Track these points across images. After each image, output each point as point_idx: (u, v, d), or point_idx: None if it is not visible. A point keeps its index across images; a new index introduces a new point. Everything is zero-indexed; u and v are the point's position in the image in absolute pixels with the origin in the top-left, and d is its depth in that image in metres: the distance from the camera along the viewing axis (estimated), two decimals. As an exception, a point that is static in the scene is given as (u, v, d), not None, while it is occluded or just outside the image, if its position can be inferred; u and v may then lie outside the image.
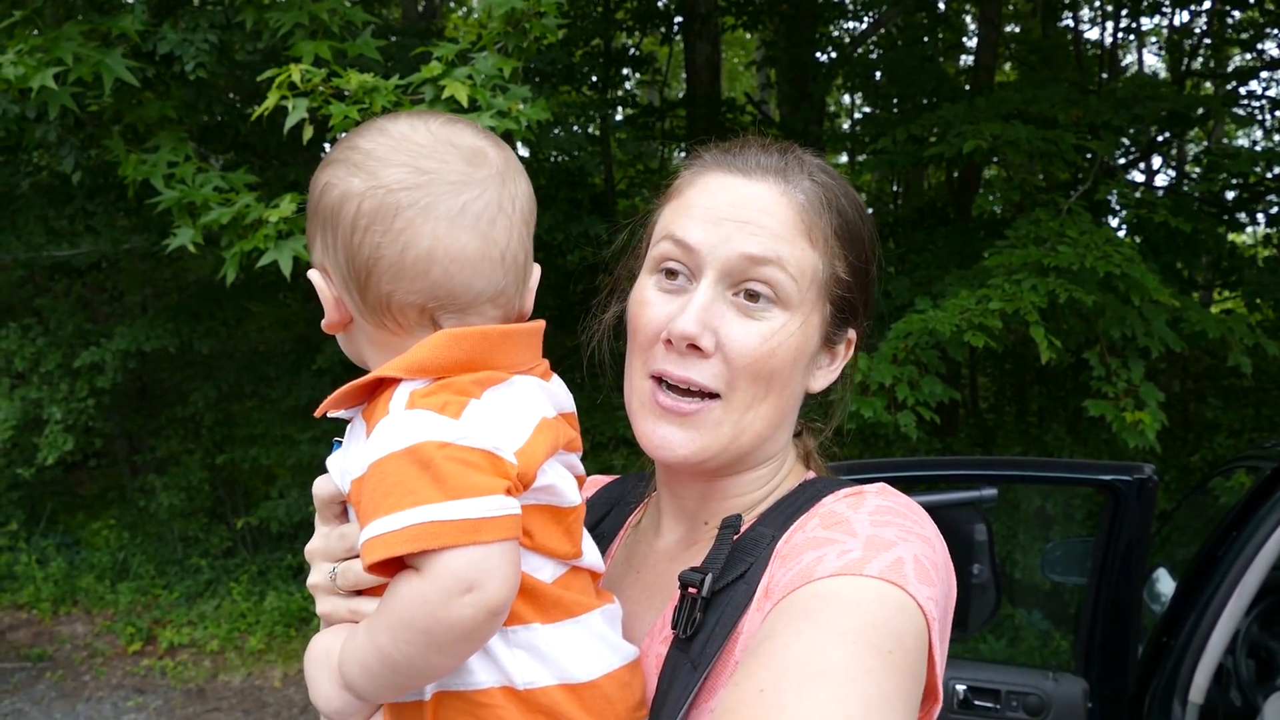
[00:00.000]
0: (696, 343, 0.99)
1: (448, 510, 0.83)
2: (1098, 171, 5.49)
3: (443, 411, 0.87)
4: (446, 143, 0.96)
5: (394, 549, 0.83)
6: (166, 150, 4.63)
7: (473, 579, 0.83)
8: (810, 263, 1.02)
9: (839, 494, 1.04)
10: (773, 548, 0.99)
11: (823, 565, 0.89)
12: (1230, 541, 2.65)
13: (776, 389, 1.02)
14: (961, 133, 4.92)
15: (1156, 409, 4.44)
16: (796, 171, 1.04)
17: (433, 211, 0.93)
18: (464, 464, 0.85)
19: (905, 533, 0.94)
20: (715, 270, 1.00)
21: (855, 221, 1.07)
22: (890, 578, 0.87)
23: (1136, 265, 4.32)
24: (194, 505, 8.52)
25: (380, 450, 0.86)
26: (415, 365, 0.91)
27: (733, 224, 1.00)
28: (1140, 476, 2.51)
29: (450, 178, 0.95)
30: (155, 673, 6.87)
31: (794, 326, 1.01)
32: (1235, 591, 2.55)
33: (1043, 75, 7.78)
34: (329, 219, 0.95)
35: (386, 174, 0.94)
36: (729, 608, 0.96)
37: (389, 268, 0.93)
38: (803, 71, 8.37)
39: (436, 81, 3.96)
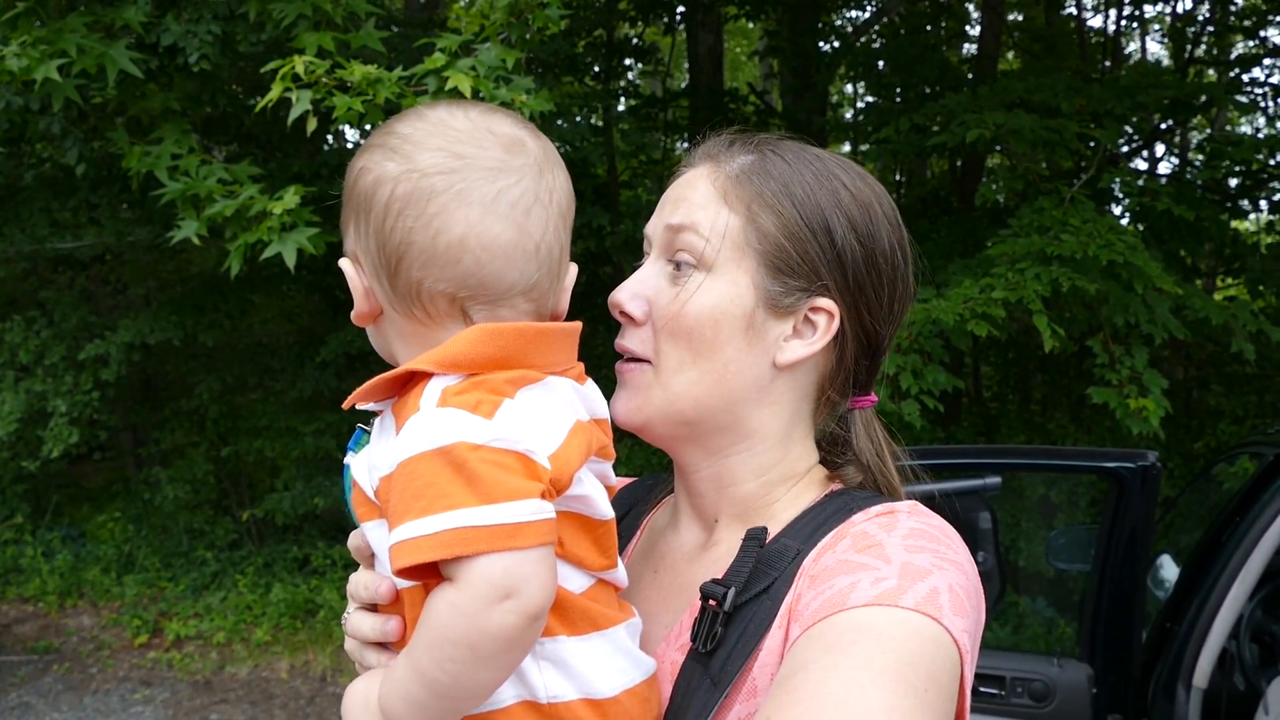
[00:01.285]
0: (624, 309, 1.04)
1: (483, 515, 0.80)
2: (1101, 160, 5.49)
3: (476, 411, 0.84)
4: (485, 129, 0.94)
5: (425, 554, 0.80)
6: (170, 142, 4.64)
7: (510, 585, 0.81)
8: (723, 221, 1.02)
9: (870, 512, 1.00)
10: (798, 564, 0.97)
11: (856, 593, 0.86)
12: (1233, 527, 2.66)
13: (703, 351, 1.01)
14: (964, 122, 4.92)
15: (1160, 396, 4.45)
16: (739, 151, 1.07)
17: (467, 197, 0.91)
18: (498, 466, 0.82)
19: (940, 560, 0.91)
20: (655, 246, 1.07)
21: (808, 193, 1.03)
22: (926, 610, 0.84)
23: (1139, 253, 4.32)
24: (199, 498, 8.54)
25: (410, 449, 0.83)
26: (448, 360, 0.88)
27: (668, 204, 1.07)
28: (1144, 464, 2.52)
29: (486, 164, 0.92)
30: (162, 665, 6.90)
31: (716, 287, 1.01)
32: (1239, 577, 2.56)
33: (1046, 64, 7.75)
34: (362, 204, 0.94)
35: (422, 158, 0.92)
36: (751, 624, 0.94)
37: (420, 254, 0.91)
38: (805, 61, 8.35)
39: (440, 73, 3.96)
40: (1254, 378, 8.18)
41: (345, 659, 6.69)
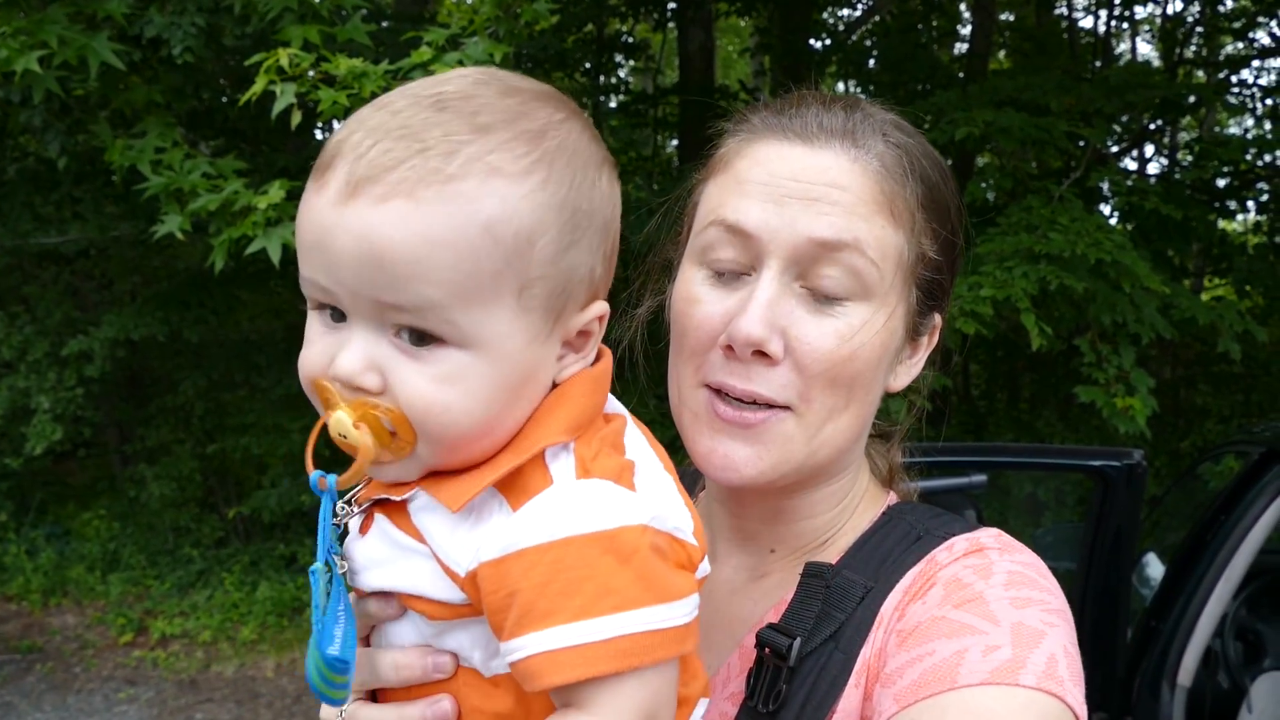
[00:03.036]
0: (764, 348, 0.83)
1: (660, 617, 0.67)
2: (1090, 159, 5.50)
3: (621, 481, 0.70)
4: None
5: (600, 666, 0.65)
6: (154, 136, 4.60)
7: (655, 709, 0.68)
8: (894, 244, 0.85)
9: (954, 548, 0.87)
10: (874, 608, 0.85)
11: (967, 666, 0.73)
12: (1218, 526, 2.66)
13: (859, 396, 0.87)
14: (954, 120, 4.92)
15: (1147, 395, 4.46)
16: (867, 132, 0.87)
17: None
18: (661, 555, 0.69)
19: (1049, 613, 0.79)
20: (780, 259, 0.84)
21: (939, 186, 0.90)
22: (1048, 687, 0.72)
23: (1127, 252, 4.33)
24: (185, 495, 8.49)
25: (552, 531, 0.67)
26: (573, 423, 0.72)
27: (798, 202, 0.83)
28: (1129, 462, 2.52)
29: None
30: (147, 664, 6.85)
31: (879, 322, 0.85)
32: (1223, 575, 2.57)
33: (1037, 63, 7.77)
34: (615, 230, 0.75)
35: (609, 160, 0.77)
36: (820, 679, 0.82)
37: (610, 263, 0.78)
38: (797, 59, 8.35)
39: (427, 66, 3.93)
40: (1240, 377, 8.23)
41: (331, 657, 6.65)
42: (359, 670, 0.78)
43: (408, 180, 0.66)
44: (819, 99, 0.91)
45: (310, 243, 0.70)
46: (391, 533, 0.76)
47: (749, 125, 0.91)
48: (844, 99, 0.92)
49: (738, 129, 0.92)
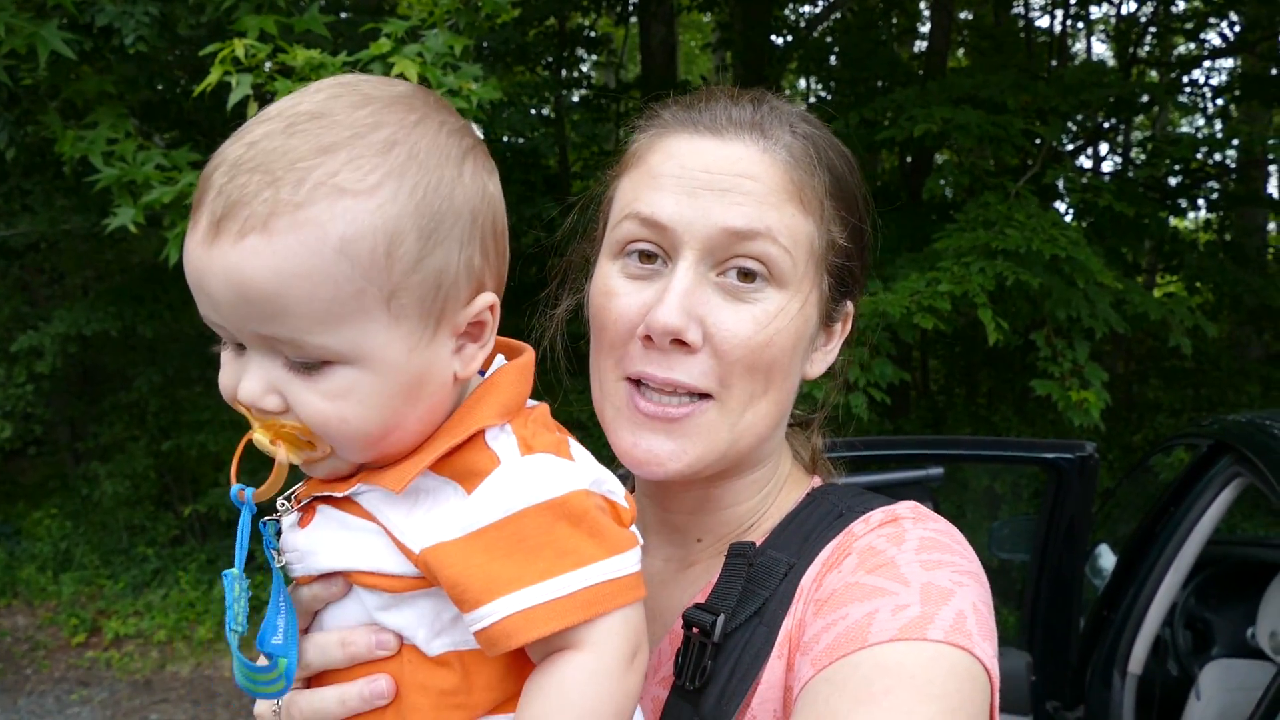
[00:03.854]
0: (681, 336, 0.84)
1: (614, 567, 0.72)
2: (1045, 156, 5.58)
3: (559, 453, 0.75)
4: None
5: (566, 618, 0.70)
6: (105, 127, 4.50)
7: (638, 641, 0.74)
8: (804, 231, 0.87)
9: (871, 521, 0.89)
10: (795, 581, 0.86)
11: (877, 625, 0.76)
12: (1168, 517, 2.72)
13: (777, 382, 0.88)
14: (913, 116, 4.97)
15: (1100, 389, 4.55)
16: (775, 124, 0.89)
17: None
18: (607, 513, 0.75)
19: (959, 573, 0.81)
20: (694, 249, 0.85)
21: (846, 176, 0.92)
22: (957, 640, 0.74)
23: (1082, 249, 4.40)
24: (139, 493, 8.35)
25: (508, 506, 0.71)
26: (504, 408, 0.77)
27: (710, 193, 0.85)
28: (1082, 454, 2.57)
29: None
30: (100, 664, 6.73)
31: (793, 309, 0.87)
32: (1173, 565, 2.62)
33: (995, 61, 7.88)
34: (499, 225, 0.77)
35: (477, 149, 0.78)
36: (745, 654, 0.84)
37: (501, 250, 0.80)
38: (758, 54, 8.38)
39: (385, 59, 3.89)
40: (1190, 372, 8.41)
41: (291, 656, 6.58)
42: (307, 655, 0.79)
43: (259, 214, 0.67)
44: (728, 94, 0.92)
45: (193, 284, 0.72)
46: (340, 518, 0.78)
47: (660, 120, 0.92)
48: (752, 93, 0.93)
49: (649, 124, 0.94)
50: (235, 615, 0.78)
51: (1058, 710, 2.78)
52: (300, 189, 0.68)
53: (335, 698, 0.78)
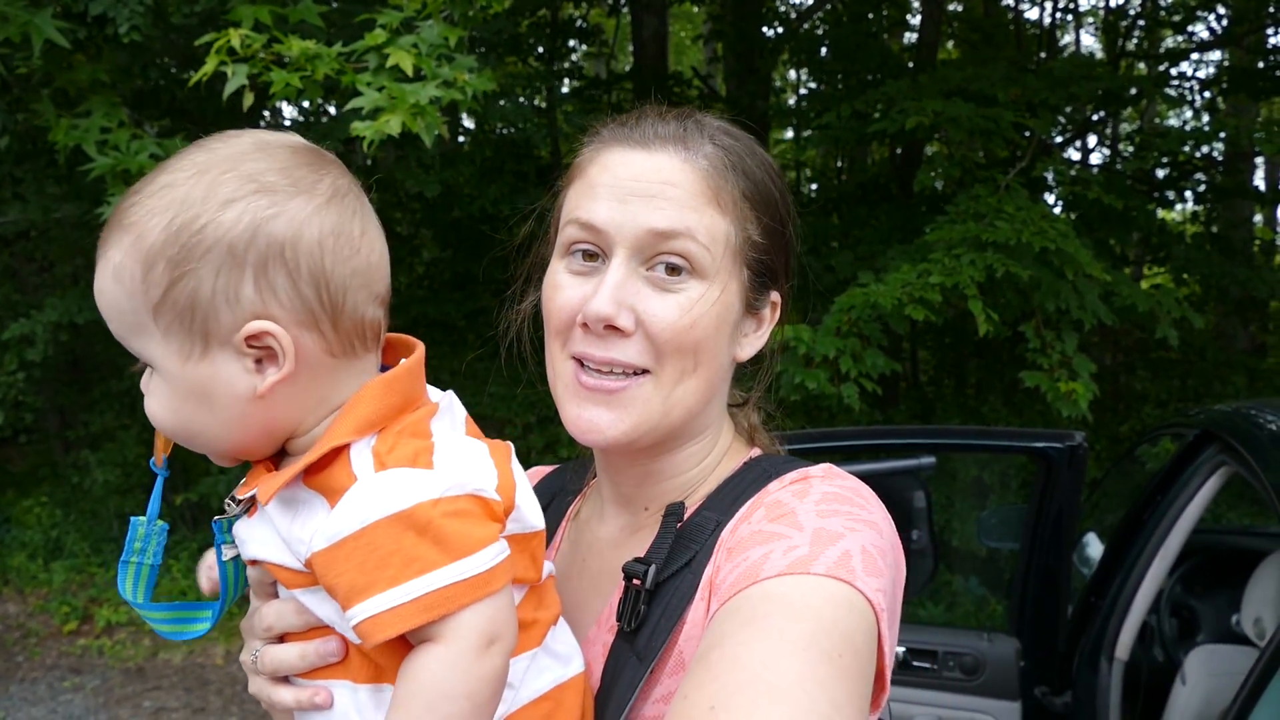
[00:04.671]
0: (614, 323, 0.96)
1: (458, 571, 0.81)
2: (1035, 149, 5.62)
3: (416, 464, 0.83)
4: (280, 146, 0.91)
5: (410, 621, 0.79)
6: (99, 115, 4.50)
7: (495, 630, 0.82)
8: (721, 229, 0.98)
9: (785, 479, 1.00)
10: (718, 535, 0.98)
11: (769, 563, 0.86)
12: (1155, 506, 2.77)
13: (705, 360, 1.00)
14: (904, 109, 5.00)
15: (1089, 380, 4.60)
16: (696, 137, 1.00)
17: (369, 213, 0.92)
18: (460, 517, 0.82)
19: (853, 521, 0.92)
20: (625, 248, 0.97)
21: (764, 182, 1.03)
22: (838, 574, 0.84)
23: (1071, 241, 4.44)
24: (130, 482, 8.33)
25: (360, 519, 0.81)
26: (364, 423, 0.86)
27: (637, 199, 0.96)
28: (1071, 444, 2.61)
29: (347, 177, 0.92)
30: (92, 652, 6.74)
31: (713, 296, 0.98)
32: (1159, 554, 2.67)
33: (985, 54, 7.90)
34: (273, 254, 0.85)
35: (313, 184, 0.87)
36: (674, 599, 0.95)
37: (362, 281, 0.89)
38: (750, 46, 8.38)
39: (381, 49, 3.89)
40: (1177, 363, 8.48)
41: (283, 644, 6.60)
42: (268, 618, 0.93)
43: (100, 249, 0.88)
44: (657, 112, 1.04)
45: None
46: (262, 515, 0.90)
47: (600, 137, 1.04)
48: (679, 111, 1.05)
49: (591, 140, 1.05)
50: (141, 550, 1.00)
51: (1046, 695, 2.83)
52: (109, 229, 0.87)
53: (296, 653, 0.91)
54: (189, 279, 0.83)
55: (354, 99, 3.74)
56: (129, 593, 0.99)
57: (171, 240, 0.83)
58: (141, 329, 0.86)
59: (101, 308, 0.88)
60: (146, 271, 0.83)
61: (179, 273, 0.83)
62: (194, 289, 0.83)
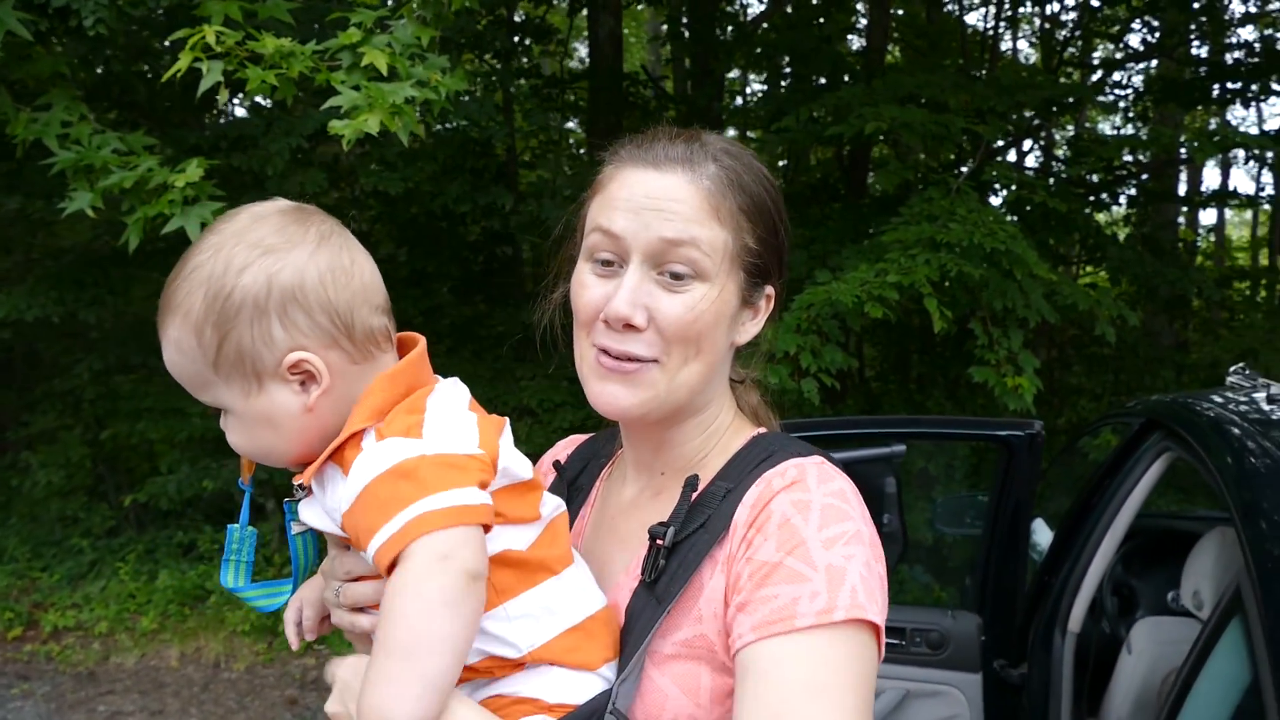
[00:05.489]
0: (630, 321, 1.13)
1: (434, 502, 0.96)
2: (984, 153, 5.85)
3: (408, 434, 1.01)
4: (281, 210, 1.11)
5: (397, 546, 0.95)
6: (60, 109, 4.44)
7: (448, 549, 0.96)
8: (720, 239, 1.15)
9: (785, 474, 1.14)
10: (731, 501, 1.15)
11: (800, 611, 1.03)
12: (1103, 490, 2.95)
13: (705, 348, 1.17)
14: (862, 115, 5.17)
15: (1033, 375, 4.83)
16: (701, 158, 1.16)
17: (350, 241, 1.11)
18: (441, 466, 0.99)
19: (849, 544, 1.07)
20: (640, 254, 1.14)
21: (759, 195, 1.20)
22: (853, 614, 1.03)
23: (1019, 242, 4.66)
24: (73, 483, 8.16)
25: (365, 477, 0.99)
26: (375, 411, 1.05)
27: (650, 213, 1.13)
28: (1030, 431, 2.79)
29: (324, 218, 1.12)
30: (40, 658, 6.61)
31: (713, 295, 1.15)
32: (1108, 534, 2.84)
33: (931, 60, 8.15)
34: (289, 296, 1.04)
35: (299, 234, 1.07)
36: (689, 555, 1.13)
37: (362, 298, 1.09)
38: (705, 48, 8.52)
39: (355, 48, 3.93)
40: (1110, 358, 8.86)
41: (238, 643, 6.56)
42: (347, 564, 1.12)
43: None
44: (668, 134, 1.21)
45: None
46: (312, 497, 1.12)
47: (619, 157, 1.21)
48: (687, 133, 1.22)
49: (613, 158, 1.22)
50: (238, 550, 1.20)
51: (1004, 668, 3.00)
52: (163, 312, 1.06)
53: (371, 589, 1.10)
54: (232, 335, 1.03)
55: (332, 98, 3.78)
56: (231, 582, 1.20)
57: (210, 310, 1.03)
58: (209, 383, 1.06)
59: (175, 375, 1.08)
60: (199, 339, 1.03)
61: (223, 333, 1.03)
62: (238, 342, 1.03)
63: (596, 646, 1.10)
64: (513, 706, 1.07)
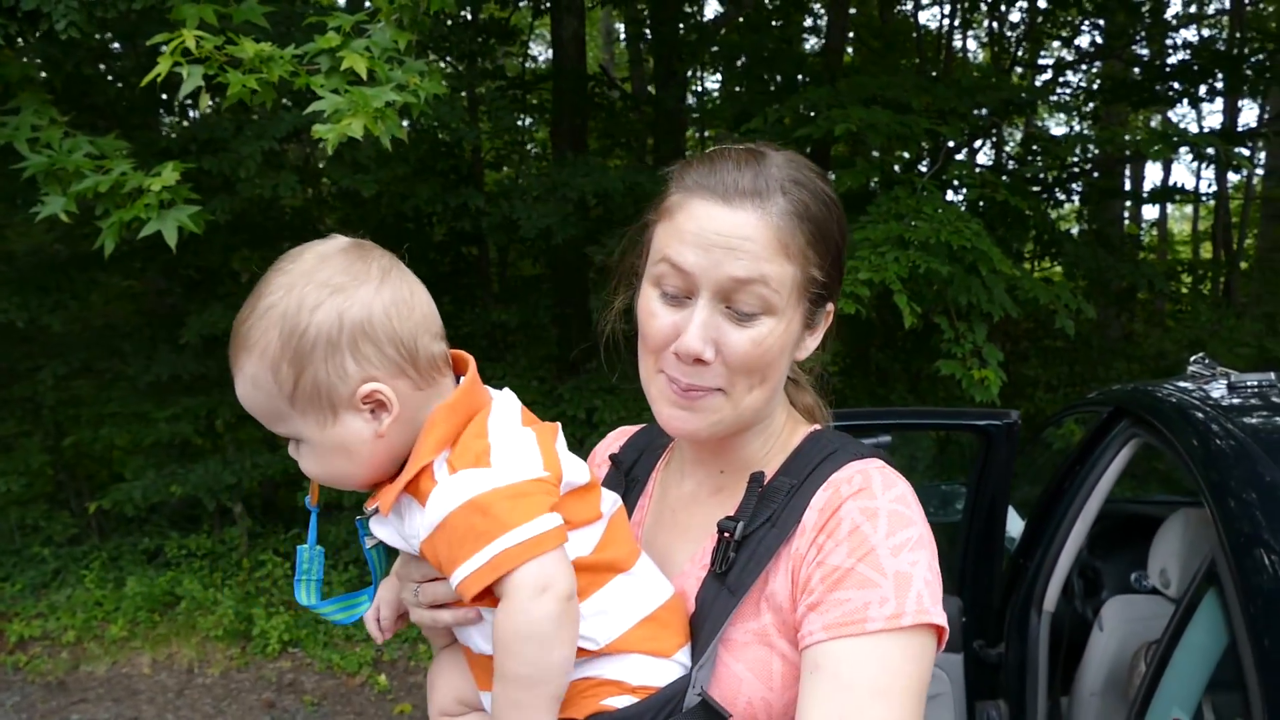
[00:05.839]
0: (701, 357, 1.16)
1: (514, 537, 1.03)
2: (946, 153, 6.02)
3: (478, 465, 1.08)
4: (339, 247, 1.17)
5: (485, 580, 1.03)
6: (29, 113, 4.40)
7: (544, 581, 1.03)
8: (789, 275, 1.17)
9: (851, 480, 1.19)
10: (796, 498, 1.20)
11: (870, 616, 1.09)
12: (1074, 475, 3.09)
13: (770, 376, 1.21)
14: (830, 116, 5.30)
15: (997, 367, 5.00)
16: (769, 189, 1.16)
17: (406, 273, 1.18)
18: (514, 498, 1.05)
19: (914, 549, 1.12)
20: (709, 290, 1.15)
21: (825, 221, 1.21)
22: (919, 619, 1.09)
23: (984, 239, 4.82)
24: (33, 491, 8.02)
25: (443, 511, 1.05)
26: (439, 442, 1.11)
27: (720, 250, 1.14)
28: (1007, 421, 2.92)
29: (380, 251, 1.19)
30: (7, 668, 6.50)
31: (780, 329, 1.18)
32: (1080, 517, 2.99)
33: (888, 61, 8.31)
34: (359, 331, 1.10)
35: (361, 270, 1.13)
36: (760, 547, 1.18)
37: (423, 327, 1.15)
38: (669, 50, 8.61)
39: (335, 53, 3.95)
40: (1065, 351, 9.12)
41: (212, 649, 6.51)
42: (425, 568, 1.19)
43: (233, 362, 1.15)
44: (734, 159, 1.20)
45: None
46: (385, 519, 1.19)
47: (685, 185, 1.21)
48: (752, 155, 1.21)
49: (679, 183, 1.23)
50: (308, 570, 1.27)
51: (982, 648, 3.14)
52: (236, 350, 1.12)
53: (446, 588, 1.15)
54: (308, 371, 1.09)
55: (315, 103, 3.80)
56: (305, 600, 1.26)
57: (286, 347, 1.09)
58: (284, 416, 1.12)
59: (249, 408, 1.14)
60: (275, 375, 1.09)
61: (299, 369, 1.09)
62: (314, 377, 1.09)
63: (670, 634, 1.17)
64: (599, 688, 1.13)
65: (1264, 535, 1.79)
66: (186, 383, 7.48)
